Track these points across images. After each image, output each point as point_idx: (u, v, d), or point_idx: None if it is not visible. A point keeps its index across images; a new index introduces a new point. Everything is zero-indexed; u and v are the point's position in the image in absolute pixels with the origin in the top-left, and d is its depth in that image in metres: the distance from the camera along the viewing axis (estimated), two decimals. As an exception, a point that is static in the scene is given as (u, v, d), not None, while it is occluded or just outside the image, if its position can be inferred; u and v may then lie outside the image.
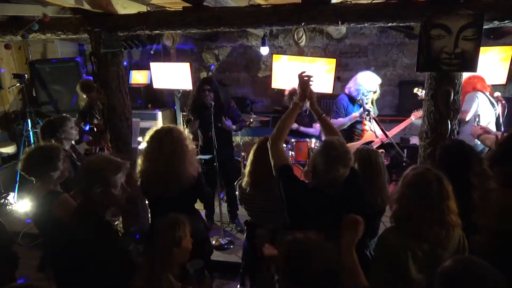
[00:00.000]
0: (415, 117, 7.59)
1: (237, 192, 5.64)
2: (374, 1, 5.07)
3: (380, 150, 7.31)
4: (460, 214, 3.25)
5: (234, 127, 7.56)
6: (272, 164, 4.17)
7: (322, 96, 9.71)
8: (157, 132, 4.65)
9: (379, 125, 7.09)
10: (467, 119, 6.69)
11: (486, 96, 6.80)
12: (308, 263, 2.65)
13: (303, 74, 4.54)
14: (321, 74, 8.99)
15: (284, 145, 5.86)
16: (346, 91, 7.34)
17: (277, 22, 5.38)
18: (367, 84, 7.17)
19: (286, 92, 8.06)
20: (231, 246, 7.05)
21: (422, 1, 4.89)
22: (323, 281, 2.65)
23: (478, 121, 6.52)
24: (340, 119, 7.28)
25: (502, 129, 6.83)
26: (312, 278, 2.63)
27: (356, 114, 7.23)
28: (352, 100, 7.33)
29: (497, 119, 6.92)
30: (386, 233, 3.50)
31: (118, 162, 3.85)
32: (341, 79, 10.48)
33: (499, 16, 4.67)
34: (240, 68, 11.58)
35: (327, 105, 9.94)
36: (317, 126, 8.01)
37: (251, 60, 11.43)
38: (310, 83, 4.53)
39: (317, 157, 3.82)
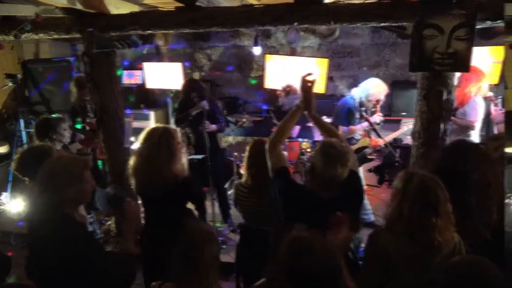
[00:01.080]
0: (407, 127, 7.61)
1: (229, 192, 5.66)
2: (367, 1, 5.08)
3: (371, 156, 7.39)
4: (456, 217, 3.24)
5: (214, 126, 7.55)
6: (270, 166, 4.19)
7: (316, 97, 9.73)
8: (150, 132, 4.66)
9: (374, 129, 7.13)
10: (476, 129, 6.67)
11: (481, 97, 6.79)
12: (310, 261, 2.67)
13: (307, 77, 4.56)
14: (315, 74, 9.01)
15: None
16: (357, 99, 7.29)
17: (269, 22, 5.38)
18: (379, 92, 7.18)
19: (280, 90, 8.09)
20: (224, 246, 7.05)
21: (415, 1, 4.90)
22: (324, 280, 2.67)
23: (500, 107, 6.57)
24: (353, 127, 7.25)
25: (495, 129, 6.85)
26: (314, 277, 2.65)
27: (366, 124, 7.23)
28: (359, 107, 7.30)
29: (488, 119, 6.93)
30: (378, 233, 3.51)
31: (83, 158, 3.91)
32: (333, 79, 10.50)
33: (491, 16, 4.68)
34: (233, 68, 11.57)
35: (319, 105, 9.91)
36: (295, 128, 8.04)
37: (244, 60, 11.41)
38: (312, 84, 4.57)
39: (316, 156, 3.91)
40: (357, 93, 7.26)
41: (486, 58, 7.58)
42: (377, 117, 7.24)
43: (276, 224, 4.19)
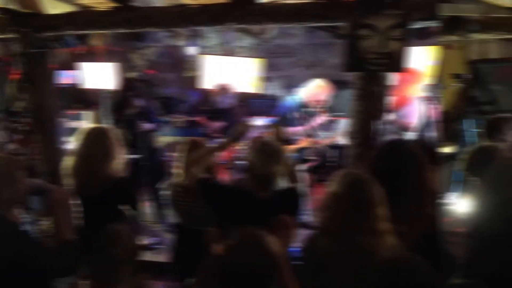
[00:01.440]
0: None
1: (164, 192, 5.63)
2: (303, 1, 5.09)
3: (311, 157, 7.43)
4: (396, 221, 3.22)
5: (149, 126, 7.55)
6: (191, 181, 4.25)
7: (251, 97, 9.75)
8: (86, 132, 4.66)
9: (313, 130, 7.19)
10: (414, 129, 6.72)
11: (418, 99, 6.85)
12: (244, 259, 2.66)
13: (245, 123, 4.60)
14: (250, 74, 9.05)
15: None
16: (298, 100, 7.35)
17: (205, 22, 5.38)
18: (318, 93, 7.24)
19: (215, 90, 8.11)
20: (158, 246, 7.02)
21: (351, 1, 4.92)
22: (258, 279, 2.65)
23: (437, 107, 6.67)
24: (298, 128, 7.30)
25: (433, 130, 6.91)
26: (247, 275, 2.63)
27: (305, 126, 7.29)
28: (300, 108, 7.35)
29: (426, 119, 6.99)
30: (313, 235, 3.49)
31: (17, 158, 3.91)
32: (269, 79, 10.50)
33: (426, 16, 4.73)
34: (168, 68, 11.50)
35: (254, 105, 9.94)
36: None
37: (179, 60, 11.35)
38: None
39: (251, 154, 3.97)
40: (298, 94, 7.33)
41: (423, 58, 7.66)
42: (321, 118, 7.30)
43: (212, 224, 4.19)
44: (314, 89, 7.27)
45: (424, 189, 3.61)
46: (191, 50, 9.13)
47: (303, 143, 7.45)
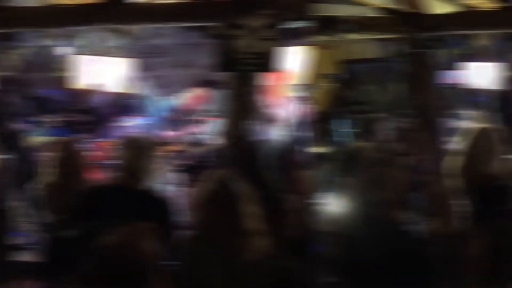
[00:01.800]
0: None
1: (36, 192, 5.54)
2: (175, 1, 5.08)
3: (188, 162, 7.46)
4: (266, 221, 3.21)
5: (21, 125, 7.43)
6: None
7: (122, 96, 9.66)
8: None
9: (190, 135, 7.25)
10: (283, 129, 6.79)
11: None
12: (117, 259, 2.58)
13: None
14: (121, 74, 9.00)
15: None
16: (173, 106, 7.40)
17: (78, 22, 5.35)
18: (193, 102, 7.29)
19: (87, 89, 8.04)
20: (30, 246, 6.85)
21: (223, 1, 4.92)
22: (136, 277, 2.59)
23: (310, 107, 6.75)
24: (173, 130, 7.31)
25: (303, 131, 6.98)
26: (119, 275, 2.56)
27: (188, 128, 7.34)
28: (177, 112, 7.41)
29: (299, 119, 7.07)
30: (187, 238, 3.45)
31: None
32: (141, 79, 10.43)
33: (299, 17, 4.82)
34: (42, 68, 11.23)
35: (125, 105, 9.88)
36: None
37: (53, 60, 11.11)
38: None
39: (123, 152, 4.04)
40: (175, 98, 7.36)
41: (296, 58, 7.75)
42: (197, 123, 7.32)
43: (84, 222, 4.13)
44: (192, 96, 7.29)
45: (293, 190, 3.64)
46: (63, 50, 8.99)
47: (178, 145, 7.43)
